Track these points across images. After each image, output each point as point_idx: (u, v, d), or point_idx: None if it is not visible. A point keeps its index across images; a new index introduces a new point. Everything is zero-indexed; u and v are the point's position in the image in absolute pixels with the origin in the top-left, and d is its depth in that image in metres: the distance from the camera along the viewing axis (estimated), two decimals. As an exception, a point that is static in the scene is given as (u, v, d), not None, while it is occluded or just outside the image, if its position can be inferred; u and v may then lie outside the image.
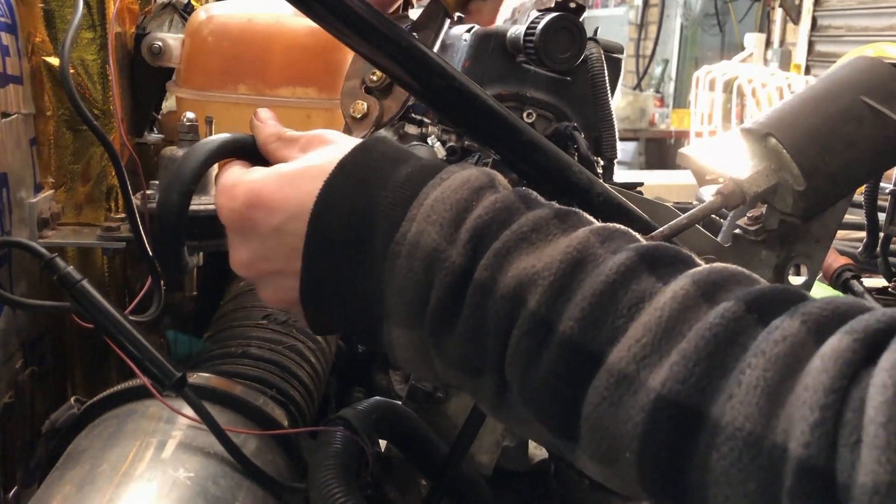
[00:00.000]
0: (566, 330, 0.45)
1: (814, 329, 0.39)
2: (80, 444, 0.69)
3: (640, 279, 0.46)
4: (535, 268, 0.48)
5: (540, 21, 1.16)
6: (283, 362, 0.86)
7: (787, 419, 0.37)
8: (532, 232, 0.50)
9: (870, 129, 0.67)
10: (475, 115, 0.63)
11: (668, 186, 3.74)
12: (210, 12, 0.99)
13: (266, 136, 0.62)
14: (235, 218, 0.59)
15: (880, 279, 1.18)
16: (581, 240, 0.48)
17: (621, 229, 0.51)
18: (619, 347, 0.44)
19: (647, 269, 0.46)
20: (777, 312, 0.41)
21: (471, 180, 0.53)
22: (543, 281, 0.47)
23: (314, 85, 0.99)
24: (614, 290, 0.45)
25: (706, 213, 0.68)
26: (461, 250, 0.50)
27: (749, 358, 0.40)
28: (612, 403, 0.43)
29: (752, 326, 0.41)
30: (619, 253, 0.47)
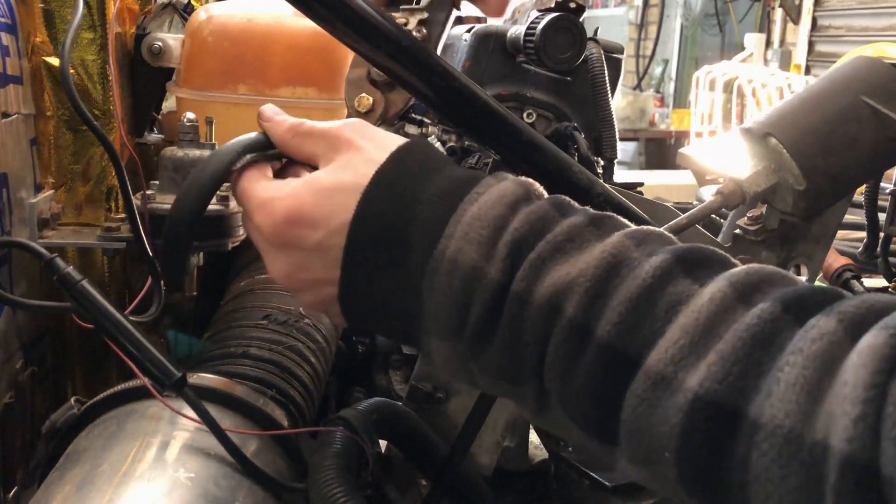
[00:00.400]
0: (604, 335, 0.46)
1: (850, 327, 0.40)
2: (80, 445, 0.69)
3: (677, 282, 0.46)
4: (571, 275, 0.48)
5: (540, 21, 1.17)
6: (283, 362, 0.86)
7: (828, 415, 0.37)
8: (567, 241, 0.50)
9: (870, 129, 0.67)
10: (475, 115, 0.63)
11: (668, 186, 3.74)
12: (210, 12, 0.99)
13: (283, 133, 0.62)
14: (277, 234, 0.59)
15: (880, 279, 1.18)
16: (615, 244, 0.49)
17: (656, 232, 0.51)
18: (656, 350, 0.44)
19: (683, 272, 0.46)
20: (813, 312, 0.42)
21: (507, 195, 0.54)
22: (579, 287, 0.48)
23: (314, 85, 0.99)
24: (651, 293, 0.46)
25: (706, 213, 0.68)
26: (499, 266, 0.51)
27: (787, 356, 0.40)
28: (651, 405, 0.44)
29: (789, 327, 0.41)
30: (655, 256, 0.48)
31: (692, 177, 1.54)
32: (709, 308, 0.44)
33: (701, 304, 0.44)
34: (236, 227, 0.83)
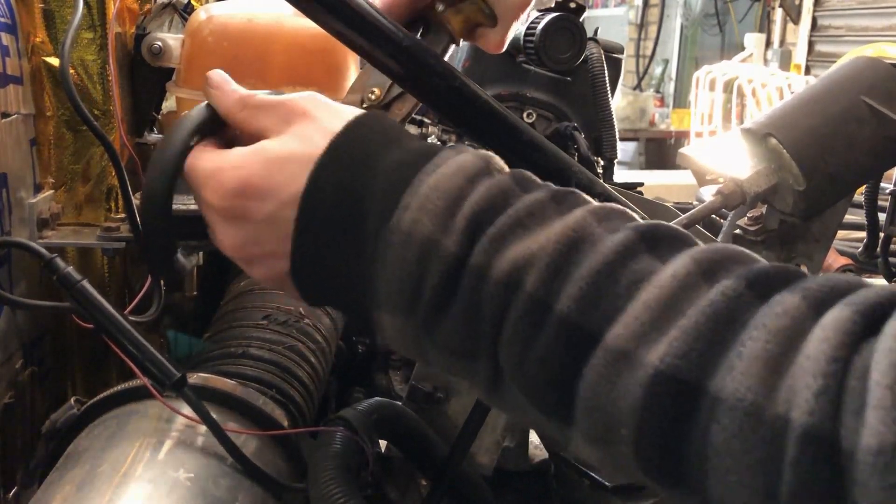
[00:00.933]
0: (563, 310, 0.45)
1: (814, 303, 0.40)
2: (81, 445, 0.69)
3: (640, 258, 0.45)
4: (531, 249, 0.47)
5: (540, 21, 1.16)
6: (283, 362, 0.86)
7: (789, 389, 0.37)
8: (528, 216, 0.49)
9: (870, 129, 0.67)
10: (475, 115, 0.63)
11: (668, 186, 3.74)
12: (210, 12, 0.99)
13: (231, 105, 0.60)
14: (226, 206, 0.58)
15: (880, 279, 1.18)
16: (578, 220, 0.48)
17: (619, 209, 0.50)
18: (617, 326, 0.43)
19: (647, 249, 0.46)
20: (778, 289, 0.41)
21: (466, 167, 0.52)
22: (540, 262, 0.47)
23: (314, 85, 0.98)
24: (613, 269, 0.45)
25: (706, 213, 0.68)
26: (456, 238, 0.49)
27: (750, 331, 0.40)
28: (610, 381, 0.43)
29: (753, 303, 0.41)
30: (618, 232, 0.47)
31: (692, 177, 1.54)
32: (671, 284, 0.43)
33: (663, 280, 0.43)
34: (236, 227, 0.83)
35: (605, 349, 0.43)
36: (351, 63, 1.02)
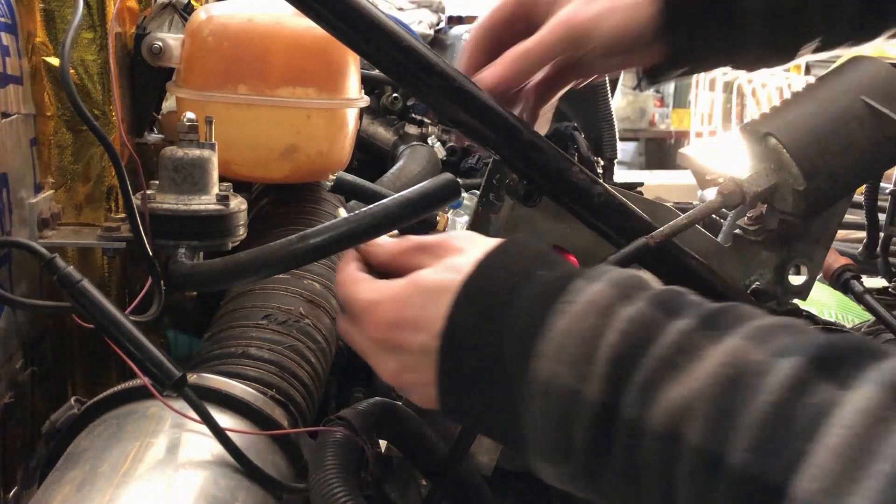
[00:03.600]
0: (736, 462, 0.40)
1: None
2: (81, 445, 0.69)
3: (816, 390, 0.39)
4: (685, 397, 0.43)
5: (540, 21, 1.16)
6: (283, 362, 0.86)
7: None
8: (677, 353, 0.44)
9: (870, 129, 0.67)
10: (475, 115, 0.63)
11: (668, 186, 3.74)
12: (210, 12, 0.99)
13: (388, 253, 0.61)
14: (383, 338, 0.59)
15: (880, 279, 1.18)
16: (734, 350, 0.43)
17: (783, 322, 0.45)
18: (804, 477, 0.38)
19: (823, 376, 0.40)
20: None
21: (597, 300, 0.49)
22: (697, 410, 0.42)
23: (314, 85, 0.98)
24: (785, 407, 0.40)
25: (706, 213, 0.68)
26: (598, 387, 0.46)
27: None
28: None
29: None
30: (785, 359, 0.41)
31: (692, 177, 1.54)
32: (858, 420, 0.37)
33: (849, 415, 0.37)
34: (236, 226, 0.83)
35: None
36: (351, 63, 1.02)
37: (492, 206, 0.72)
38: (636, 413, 0.44)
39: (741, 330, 0.44)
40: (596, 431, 0.46)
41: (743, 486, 0.40)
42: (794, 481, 0.38)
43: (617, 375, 0.46)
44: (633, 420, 0.44)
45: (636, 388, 0.45)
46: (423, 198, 0.55)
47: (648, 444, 0.44)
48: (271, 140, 0.98)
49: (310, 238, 0.54)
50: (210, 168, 0.83)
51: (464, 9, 2.12)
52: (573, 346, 0.47)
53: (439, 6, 1.98)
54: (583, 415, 0.46)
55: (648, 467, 0.44)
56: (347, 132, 1.04)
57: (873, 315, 0.94)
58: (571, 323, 0.48)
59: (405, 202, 0.55)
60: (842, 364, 0.40)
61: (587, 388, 0.46)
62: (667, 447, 0.43)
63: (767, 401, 0.40)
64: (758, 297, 0.74)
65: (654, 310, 0.47)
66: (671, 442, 0.43)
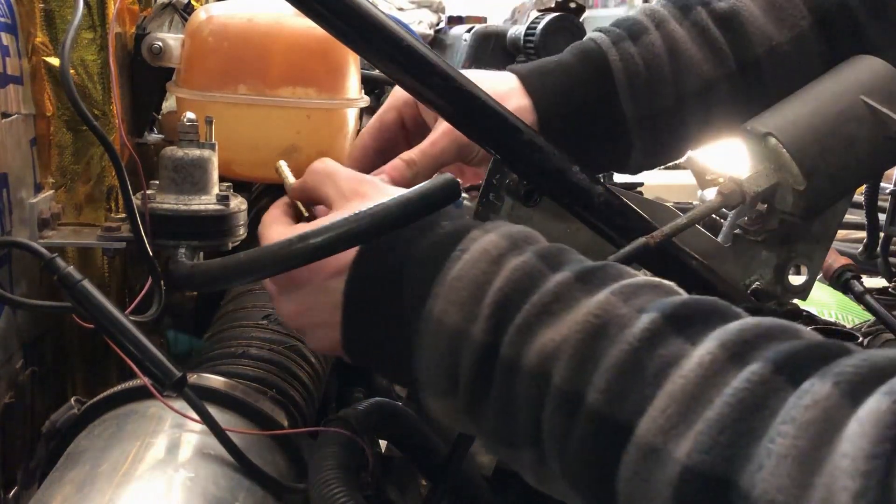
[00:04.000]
0: (593, 402, 0.44)
1: (848, 391, 0.36)
2: (81, 445, 0.69)
3: (667, 342, 0.44)
4: (555, 341, 0.47)
5: (540, 21, 1.17)
6: (283, 362, 0.86)
7: (825, 489, 0.34)
8: (554, 301, 0.48)
9: (870, 129, 0.67)
10: (475, 115, 0.63)
11: (668, 186, 3.73)
12: (210, 12, 0.99)
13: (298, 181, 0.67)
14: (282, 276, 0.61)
15: (880, 279, 1.18)
16: (602, 303, 0.47)
17: (650, 283, 0.49)
18: (646, 419, 0.42)
19: (675, 331, 0.44)
20: (809, 372, 0.38)
21: (489, 250, 0.52)
22: (564, 354, 0.46)
23: (314, 85, 0.98)
24: (639, 357, 0.44)
25: (706, 213, 0.68)
26: (483, 326, 0.50)
27: (778, 426, 0.37)
28: (643, 479, 0.41)
29: (781, 388, 0.39)
30: (645, 313, 0.45)
31: (692, 177, 1.54)
32: (697, 373, 0.41)
33: (690, 367, 0.42)
34: (236, 226, 0.83)
35: (637, 445, 0.42)
36: (351, 63, 1.02)
37: (492, 206, 0.72)
38: (513, 353, 0.48)
39: (613, 287, 0.48)
40: (478, 368, 0.50)
41: (597, 425, 0.44)
42: (638, 422, 0.42)
43: (499, 317, 0.49)
44: (511, 359, 0.48)
45: (515, 330, 0.49)
46: (423, 198, 0.56)
47: (522, 383, 0.48)
48: (271, 140, 0.98)
49: (310, 238, 0.55)
50: (210, 168, 0.83)
51: (464, 9, 2.12)
52: (464, 289, 0.51)
53: (439, 6, 1.98)
54: (467, 352, 0.50)
55: (521, 404, 0.48)
56: (347, 132, 1.04)
57: (873, 315, 0.94)
58: (464, 268, 0.52)
59: (405, 202, 0.55)
60: (694, 322, 0.44)
61: (473, 328, 0.50)
62: (537, 386, 0.47)
63: (624, 349, 0.44)
64: (758, 297, 0.75)
65: (539, 262, 0.51)
66: (541, 381, 0.47)
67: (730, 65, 0.76)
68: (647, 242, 0.64)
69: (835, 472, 0.34)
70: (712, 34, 0.76)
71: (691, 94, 0.76)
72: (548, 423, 0.47)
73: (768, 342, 0.42)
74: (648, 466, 0.41)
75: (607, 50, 0.76)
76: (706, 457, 0.38)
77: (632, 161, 0.79)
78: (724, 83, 0.76)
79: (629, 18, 0.79)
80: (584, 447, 0.45)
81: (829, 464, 0.34)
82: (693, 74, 0.76)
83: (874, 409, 0.34)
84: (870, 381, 0.36)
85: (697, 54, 0.76)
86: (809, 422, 0.36)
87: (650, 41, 0.76)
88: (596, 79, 0.76)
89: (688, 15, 0.77)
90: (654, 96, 0.76)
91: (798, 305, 0.78)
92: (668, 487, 0.39)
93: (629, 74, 0.75)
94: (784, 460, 0.36)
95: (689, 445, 0.39)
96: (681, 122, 0.77)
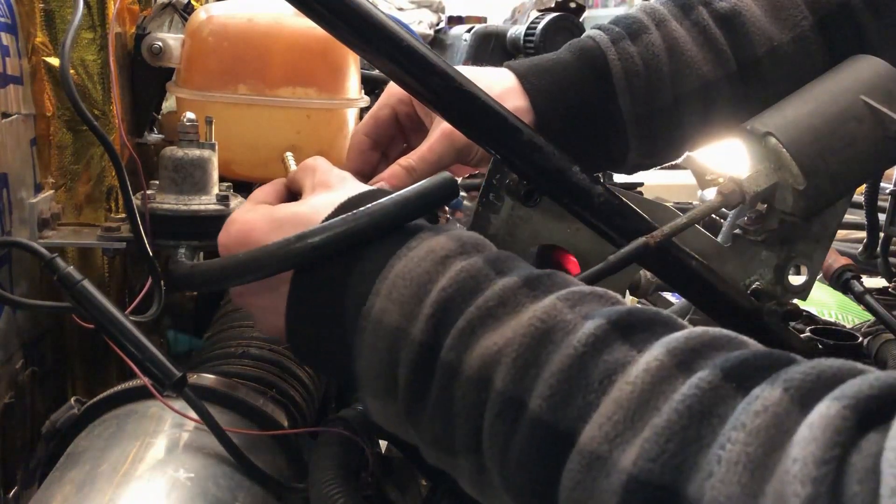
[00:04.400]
0: (535, 408, 0.43)
1: (798, 397, 0.36)
2: (81, 445, 0.69)
3: (612, 349, 0.43)
4: (498, 345, 0.45)
5: (540, 21, 1.17)
6: (283, 362, 0.86)
7: (776, 496, 0.33)
8: (498, 306, 0.47)
9: (869, 128, 0.67)
10: (475, 115, 0.63)
11: (668, 186, 3.73)
12: (210, 12, 0.99)
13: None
14: (222, 251, 0.62)
15: (880, 279, 1.18)
16: (547, 308, 0.46)
17: (596, 292, 0.48)
18: (590, 426, 0.40)
19: (620, 337, 0.43)
20: (758, 379, 0.38)
21: (436, 249, 0.51)
22: (507, 358, 0.45)
23: (314, 85, 0.98)
24: (584, 362, 0.43)
25: (706, 213, 0.68)
26: (422, 326, 0.48)
27: (728, 432, 0.36)
28: (586, 488, 0.40)
29: (730, 396, 0.38)
30: (590, 320, 0.44)
31: (692, 177, 1.54)
32: (644, 379, 0.40)
33: (636, 374, 0.40)
34: (236, 226, 0.83)
35: (581, 453, 0.40)
36: (351, 63, 1.02)
37: (492, 206, 0.72)
38: (454, 356, 0.47)
39: (559, 293, 0.47)
40: (417, 370, 0.48)
41: (538, 431, 0.42)
42: (582, 429, 0.41)
43: (441, 318, 0.48)
44: (451, 362, 0.47)
45: (457, 332, 0.47)
46: (421, 197, 0.55)
47: (462, 386, 0.46)
48: (271, 140, 0.98)
49: (308, 238, 0.55)
50: (210, 168, 0.83)
51: (464, 9, 2.12)
52: (405, 288, 0.50)
53: (439, 6, 1.98)
54: (406, 353, 0.49)
55: (461, 409, 0.46)
56: (347, 132, 1.04)
57: (873, 315, 0.94)
58: (408, 266, 0.51)
59: (403, 202, 0.55)
60: (639, 330, 0.43)
61: (413, 328, 0.49)
62: (478, 390, 0.45)
63: (569, 354, 0.43)
64: (758, 297, 0.74)
65: (486, 266, 0.50)
66: (482, 385, 0.45)
67: (730, 65, 0.76)
68: (647, 242, 0.64)
69: (785, 477, 0.33)
70: (713, 34, 0.76)
71: (690, 94, 0.76)
72: (488, 430, 0.45)
73: (716, 351, 0.41)
74: (592, 475, 0.40)
75: (606, 49, 0.76)
76: (653, 465, 0.37)
77: (629, 160, 0.79)
78: (725, 83, 0.76)
79: (629, 16, 0.78)
80: (526, 455, 0.43)
81: (780, 470, 0.33)
82: (693, 75, 0.75)
83: (824, 414, 0.33)
84: (819, 387, 0.36)
85: (698, 54, 0.76)
86: (760, 428, 0.35)
87: (650, 41, 0.76)
88: (594, 78, 0.76)
89: (689, 14, 0.77)
90: (653, 96, 0.76)
91: (798, 305, 0.78)
92: (613, 497, 0.38)
93: (628, 74, 0.75)
94: (734, 467, 0.35)
95: (636, 453, 0.38)
96: (678, 122, 0.77)
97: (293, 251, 0.55)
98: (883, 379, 0.35)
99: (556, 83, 0.76)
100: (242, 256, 0.58)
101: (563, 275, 0.51)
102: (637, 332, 0.43)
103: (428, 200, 0.55)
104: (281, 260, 0.56)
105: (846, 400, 0.34)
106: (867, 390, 0.34)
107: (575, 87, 0.76)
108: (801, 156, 0.66)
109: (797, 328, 0.85)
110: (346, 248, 0.55)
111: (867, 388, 0.34)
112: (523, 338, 0.45)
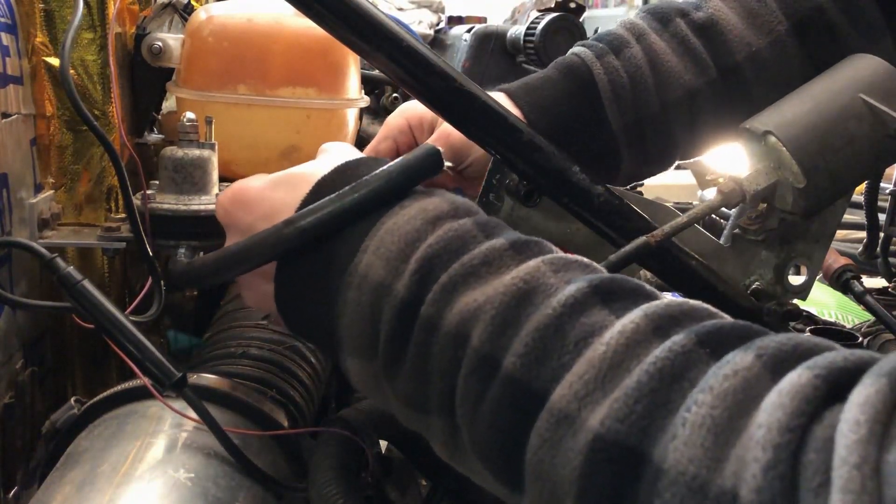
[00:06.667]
0: (509, 367, 0.42)
1: (770, 364, 0.35)
2: (81, 445, 0.69)
3: (591, 312, 0.43)
4: (478, 301, 0.45)
5: (540, 21, 1.17)
6: (283, 362, 0.86)
7: (738, 461, 0.33)
8: (483, 265, 0.47)
9: (869, 126, 0.67)
10: (475, 115, 0.63)
11: (668, 186, 3.73)
12: (210, 12, 0.99)
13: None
14: (221, 213, 0.61)
15: (880, 279, 1.18)
16: (531, 270, 0.46)
17: (581, 261, 0.48)
18: (561, 385, 0.40)
19: (600, 302, 0.43)
20: (732, 346, 0.38)
21: (428, 209, 0.51)
22: (485, 315, 0.45)
23: (314, 85, 0.99)
24: (561, 323, 0.42)
25: (706, 213, 0.68)
26: (406, 282, 0.48)
27: (696, 394, 0.36)
28: (553, 446, 0.40)
29: (702, 361, 0.38)
30: (571, 284, 0.44)
31: (692, 177, 1.54)
32: (619, 340, 0.40)
33: (611, 336, 0.40)
34: (236, 226, 0.83)
35: (550, 411, 0.40)
36: (351, 63, 1.02)
37: (492, 206, 0.72)
38: (434, 311, 0.46)
39: (543, 258, 0.47)
40: (397, 325, 0.48)
41: (510, 390, 0.42)
42: (554, 390, 0.40)
43: (424, 274, 0.48)
44: (430, 317, 0.47)
45: (439, 288, 0.47)
46: (404, 170, 0.55)
47: (440, 342, 0.46)
48: (271, 140, 0.98)
49: (296, 221, 0.54)
50: (210, 168, 0.83)
51: (464, 9, 2.12)
52: (392, 244, 0.50)
53: (439, 6, 1.98)
54: (388, 308, 0.49)
55: (437, 366, 0.46)
56: (347, 132, 1.04)
57: (873, 315, 0.94)
58: (398, 223, 0.51)
59: (387, 177, 0.55)
60: (620, 297, 0.43)
61: (396, 284, 0.49)
62: (455, 347, 0.45)
63: (547, 314, 0.43)
64: (758, 297, 0.74)
65: (475, 227, 0.50)
66: (459, 342, 0.45)
67: (711, 72, 0.78)
68: (648, 242, 0.64)
69: (749, 442, 0.33)
70: (692, 44, 0.78)
71: (675, 101, 0.78)
72: (461, 388, 0.45)
73: (692, 318, 0.41)
74: (560, 433, 0.39)
75: (591, 64, 0.78)
76: (620, 426, 0.37)
77: (622, 170, 0.80)
78: (707, 90, 0.78)
79: (610, 33, 0.81)
80: (496, 414, 0.43)
81: (745, 434, 0.33)
82: (675, 84, 0.77)
83: (795, 382, 0.33)
84: (793, 357, 0.36)
85: (678, 65, 0.78)
86: (727, 391, 0.35)
87: (632, 54, 0.78)
88: (582, 92, 0.78)
89: (667, 27, 0.79)
90: (639, 105, 0.77)
91: (798, 305, 0.78)
92: (578, 456, 0.38)
93: (614, 86, 0.77)
94: (698, 430, 0.35)
95: (604, 413, 0.38)
96: (667, 129, 0.79)
97: (285, 236, 0.55)
98: (858, 354, 0.35)
99: (546, 98, 0.78)
100: (235, 248, 0.57)
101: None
102: (618, 300, 0.43)
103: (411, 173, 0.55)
104: (274, 245, 0.55)
105: (818, 370, 0.33)
106: (840, 363, 0.34)
107: (565, 101, 0.78)
108: (801, 154, 0.66)
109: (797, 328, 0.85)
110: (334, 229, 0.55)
111: (841, 360, 0.34)
112: (503, 297, 0.45)
